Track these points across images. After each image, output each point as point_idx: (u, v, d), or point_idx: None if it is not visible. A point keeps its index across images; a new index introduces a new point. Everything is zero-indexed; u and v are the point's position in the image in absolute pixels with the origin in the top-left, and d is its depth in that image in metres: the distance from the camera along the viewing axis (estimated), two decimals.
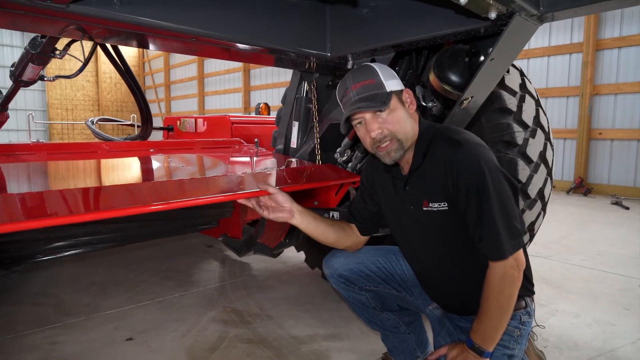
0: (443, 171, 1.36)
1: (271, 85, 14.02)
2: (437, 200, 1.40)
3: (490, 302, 1.32)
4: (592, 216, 5.37)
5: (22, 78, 2.48)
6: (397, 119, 1.37)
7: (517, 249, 1.31)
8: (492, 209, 1.28)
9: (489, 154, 1.35)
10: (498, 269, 1.31)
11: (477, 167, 1.30)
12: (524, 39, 1.38)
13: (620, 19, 6.77)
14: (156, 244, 3.92)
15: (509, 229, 1.29)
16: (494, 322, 1.34)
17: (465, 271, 1.48)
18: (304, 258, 3.14)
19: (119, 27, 1.26)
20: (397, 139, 1.38)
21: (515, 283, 1.32)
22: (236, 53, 1.71)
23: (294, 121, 2.71)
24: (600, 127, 7.06)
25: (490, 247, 1.31)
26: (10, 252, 2.35)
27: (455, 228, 1.41)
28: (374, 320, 1.76)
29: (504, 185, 1.32)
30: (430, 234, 1.48)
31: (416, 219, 1.49)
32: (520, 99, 2.23)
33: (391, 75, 1.41)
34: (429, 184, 1.42)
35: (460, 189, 1.32)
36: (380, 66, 1.41)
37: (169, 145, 2.68)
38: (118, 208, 1.20)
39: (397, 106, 1.39)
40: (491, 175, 1.29)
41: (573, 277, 3.13)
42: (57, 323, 2.38)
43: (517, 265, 1.31)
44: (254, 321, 2.41)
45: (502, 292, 1.31)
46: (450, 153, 1.34)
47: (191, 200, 1.35)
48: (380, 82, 1.37)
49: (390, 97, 1.36)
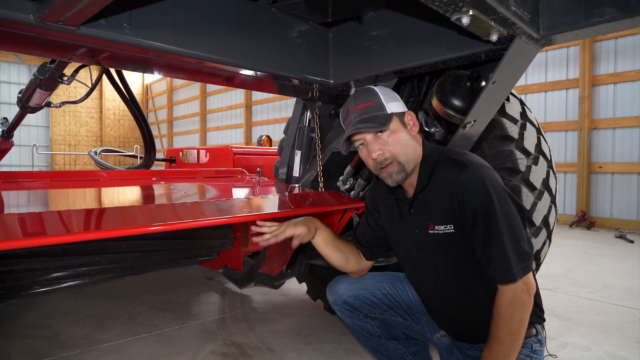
0: (448, 193, 1.34)
1: (272, 120, 14.21)
2: (443, 223, 1.38)
3: (501, 327, 1.28)
4: (596, 249, 5.31)
5: (29, 104, 2.51)
6: (397, 141, 1.37)
7: (527, 272, 1.28)
8: (499, 231, 1.26)
9: (494, 175, 1.34)
10: (507, 293, 1.27)
11: (483, 188, 1.28)
12: (524, 62, 1.40)
13: (615, 55, 6.94)
14: (155, 276, 3.86)
15: (518, 252, 1.27)
16: (505, 348, 1.29)
17: (473, 296, 1.44)
18: (306, 290, 3.08)
19: (128, 51, 1.28)
20: (397, 161, 1.38)
21: (526, 307, 1.28)
22: (240, 80, 1.74)
23: (297, 150, 2.72)
24: (600, 161, 7.10)
25: (498, 270, 1.28)
26: (6, 282, 2.30)
27: (462, 251, 1.38)
28: (380, 350, 1.70)
29: (510, 207, 1.30)
30: (436, 258, 1.45)
31: (422, 242, 1.46)
32: (522, 126, 2.24)
33: (393, 98, 1.42)
34: (434, 206, 1.40)
35: (466, 211, 1.31)
36: (381, 89, 1.43)
37: (171, 174, 2.68)
38: (117, 228, 1.18)
39: (399, 128, 1.39)
40: (497, 197, 1.28)
41: (581, 309, 3.06)
42: (52, 356, 2.30)
43: (527, 289, 1.28)
44: (254, 354, 2.34)
45: (513, 317, 1.27)
46: (455, 175, 1.33)
47: (192, 222, 1.33)
48: (380, 104, 1.39)
49: (391, 119, 1.37)
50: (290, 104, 12.92)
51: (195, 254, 2.98)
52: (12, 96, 17.76)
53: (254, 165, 3.47)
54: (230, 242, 3.08)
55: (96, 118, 20.87)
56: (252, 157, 3.71)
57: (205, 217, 1.40)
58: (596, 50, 7.14)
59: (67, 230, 1.13)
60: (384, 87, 1.46)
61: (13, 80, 18.02)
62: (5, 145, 2.84)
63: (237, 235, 3.06)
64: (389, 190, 1.54)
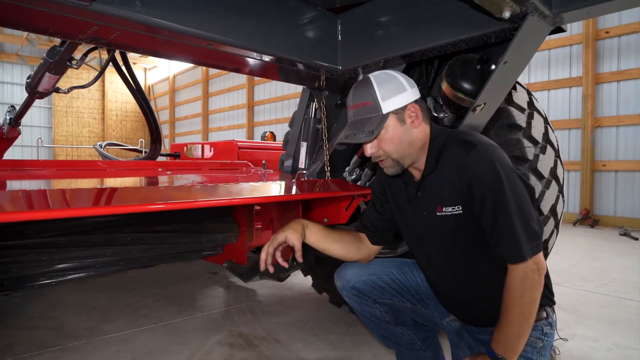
0: (456, 174, 1.33)
1: (274, 121, 14.22)
2: (451, 204, 1.37)
3: (511, 308, 1.27)
4: (601, 246, 5.29)
5: (38, 89, 2.51)
6: (390, 140, 1.36)
7: (537, 252, 1.26)
8: (509, 210, 1.25)
9: (502, 154, 1.32)
10: (518, 273, 1.26)
11: (491, 167, 1.27)
12: (536, 42, 1.39)
13: (618, 53, 6.94)
14: (159, 271, 3.85)
15: (527, 231, 1.25)
16: (516, 330, 1.27)
17: (482, 279, 1.43)
18: (311, 283, 3.08)
19: (138, 30, 1.28)
20: (391, 158, 1.39)
21: (537, 287, 1.27)
22: (248, 64, 1.73)
23: (302, 142, 2.71)
24: (603, 159, 7.08)
25: (508, 249, 1.26)
26: (12, 272, 2.30)
27: (471, 232, 1.37)
28: (388, 336, 1.69)
29: (519, 186, 1.29)
30: (444, 240, 1.44)
31: (430, 224, 1.45)
32: (529, 115, 2.23)
33: (393, 92, 1.36)
34: (442, 188, 1.39)
35: (474, 190, 1.29)
36: (381, 82, 1.37)
37: (177, 165, 2.67)
38: (119, 205, 1.17)
39: (395, 126, 1.36)
40: (506, 176, 1.26)
41: (588, 303, 3.04)
42: (57, 346, 2.30)
43: (537, 269, 1.26)
44: (261, 344, 2.33)
45: (523, 297, 1.26)
46: (464, 155, 1.32)
47: (195, 202, 1.32)
48: (375, 105, 1.35)
49: (385, 121, 1.34)
50: (293, 104, 12.92)
51: (199, 248, 2.97)
52: (15, 97, 17.82)
53: (259, 160, 3.46)
54: (235, 236, 3.07)
55: (98, 119, 20.91)
56: (257, 152, 3.71)
57: (212, 198, 1.39)
58: (599, 48, 7.13)
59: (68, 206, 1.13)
60: (389, 77, 1.38)
61: (16, 81, 18.09)
62: (13, 133, 2.84)
63: (242, 230, 3.05)
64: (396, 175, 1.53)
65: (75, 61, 2.19)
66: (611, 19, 7.00)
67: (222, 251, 3.07)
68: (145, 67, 22.42)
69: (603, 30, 7.05)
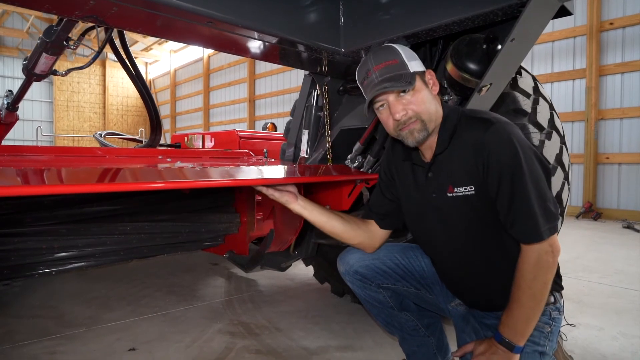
0: (472, 152, 1.29)
1: (275, 115, 14.18)
2: (463, 185, 1.32)
3: (523, 290, 1.23)
4: (604, 238, 5.26)
5: (35, 71, 2.47)
6: (421, 100, 1.31)
7: (553, 233, 1.23)
8: (526, 190, 1.21)
9: (520, 133, 1.28)
10: (532, 255, 1.22)
11: (510, 146, 1.22)
12: (544, 18, 1.36)
13: (622, 44, 6.87)
14: (159, 262, 3.84)
15: (545, 211, 1.21)
16: (526, 312, 1.25)
17: (490, 263, 1.39)
18: (313, 273, 3.05)
19: (137, 5, 1.25)
20: (421, 119, 1.32)
21: (550, 270, 1.23)
22: (248, 46, 1.69)
23: (304, 130, 2.68)
24: (607, 152, 7.04)
25: (524, 229, 1.22)
26: (12, 260, 2.28)
27: (481, 214, 1.33)
28: (392, 322, 1.66)
29: (537, 166, 1.25)
30: (453, 223, 1.40)
31: (439, 207, 1.41)
32: (535, 101, 2.20)
33: (413, 56, 1.36)
34: (454, 167, 1.34)
35: (491, 169, 1.25)
36: (401, 47, 1.37)
37: (178, 153, 2.64)
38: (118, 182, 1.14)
39: (421, 87, 1.33)
40: (524, 155, 1.22)
41: (592, 293, 3.02)
42: (57, 334, 2.28)
43: (552, 251, 1.22)
44: (262, 333, 2.31)
45: (537, 279, 1.22)
46: (481, 133, 1.27)
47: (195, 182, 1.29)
48: (403, 62, 1.32)
49: (415, 78, 1.31)
50: (294, 98, 12.86)
51: (200, 238, 2.95)
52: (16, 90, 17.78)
53: (260, 150, 3.42)
54: (236, 226, 3.04)
55: (99, 113, 20.89)
56: (258, 142, 3.67)
57: (213, 179, 1.36)
58: (603, 39, 7.07)
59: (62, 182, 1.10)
60: (402, 45, 1.39)
61: (17, 75, 18.06)
62: (11, 118, 2.80)
63: (243, 220, 3.03)
64: (404, 156, 1.49)
65: (72, 41, 2.15)
66: (615, 10, 6.93)
67: (223, 242, 3.05)
68: (146, 61, 22.37)
69: (607, 22, 6.98)
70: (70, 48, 2.17)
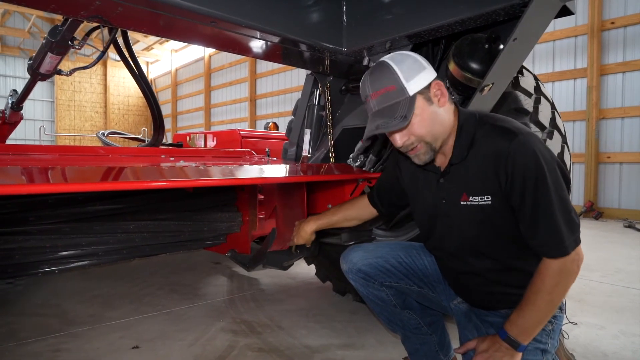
0: (492, 163, 1.26)
1: (277, 114, 14.19)
2: (479, 194, 1.30)
3: (541, 295, 1.22)
4: (605, 237, 5.26)
5: (40, 70, 2.48)
6: (422, 123, 1.27)
7: (578, 244, 1.22)
8: (551, 203, 1.19)
9: (543, 144, 1.26)
10: (556, 264, 1.21)
11: (534, 158, 1.20)
12: (546, 18, 1.36)
13: (623, 44, 6.87)
14: (162, 261, 3.85)
15: (569, 223, 1.20)
16: (539, 315, 1.24)
17: (497, 270, 1.38)
18: (314, 272, 3.06)
19: (140, 5, 1.26)
20: (425, 142, 1.30)
21: (573, 276, 1.23)
22: (251, 46, 1.70)
23: (306, 129, 2.69)
24: (608, 151, 7.04)
25: (549, 243, 1.21)
26: (15, 259, 2.29)
27: (495, 224, 1.32)
28: (394, 320, 1.67)
29: (560, 179, 1.23)
30: (462, 230, 1.39)
31: (448, 213, 1.40)
32: (536, 100, 2.20)
33: (413, 73, 1.27)
34: (471, 177, 1.32)
35: (515, 182, 1.23)
36: (400, 63, 1.28)
37: (180, 153, 2.65)
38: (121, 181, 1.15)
39: (423, 107, 1.27)
40: (548, 167, 1.21)
41: (593, 292, 3.03)
42: (61, 332, 2.29)
43: (577, 259, 1.21)
44: (264, 331, 2.32)
45: (558, 285, 1.21)
46: (505, 144, 1.24)
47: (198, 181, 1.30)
48: (401, 87, 1.25)
49: (414, 103, 1.25)
50: (295, 97, 12.88)
51: (202, 237, 2.96)
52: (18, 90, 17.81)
53: (262, 149, 3.44)
54: (238, 225, 3.06)
55: (101, 113, 20.93)
56: (260, 141, 3.68)
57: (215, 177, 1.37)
58: (604, 39, 7.06)
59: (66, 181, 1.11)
60: (404, 57, 1.29)
61: (19, 74, 18.10)
62: (15, 117, 2.82)
63: (245, 219, 3.04)
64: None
65: (77, 41, 2.16)
66: (616, 10, 6.93)
67: (225, 241, 3.06)
68: (147, 60, 22.38)
69: (608, 21, 6.98)
70: (75, 48, 2.18)
